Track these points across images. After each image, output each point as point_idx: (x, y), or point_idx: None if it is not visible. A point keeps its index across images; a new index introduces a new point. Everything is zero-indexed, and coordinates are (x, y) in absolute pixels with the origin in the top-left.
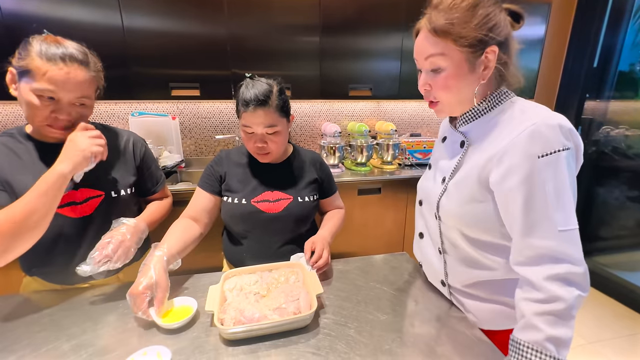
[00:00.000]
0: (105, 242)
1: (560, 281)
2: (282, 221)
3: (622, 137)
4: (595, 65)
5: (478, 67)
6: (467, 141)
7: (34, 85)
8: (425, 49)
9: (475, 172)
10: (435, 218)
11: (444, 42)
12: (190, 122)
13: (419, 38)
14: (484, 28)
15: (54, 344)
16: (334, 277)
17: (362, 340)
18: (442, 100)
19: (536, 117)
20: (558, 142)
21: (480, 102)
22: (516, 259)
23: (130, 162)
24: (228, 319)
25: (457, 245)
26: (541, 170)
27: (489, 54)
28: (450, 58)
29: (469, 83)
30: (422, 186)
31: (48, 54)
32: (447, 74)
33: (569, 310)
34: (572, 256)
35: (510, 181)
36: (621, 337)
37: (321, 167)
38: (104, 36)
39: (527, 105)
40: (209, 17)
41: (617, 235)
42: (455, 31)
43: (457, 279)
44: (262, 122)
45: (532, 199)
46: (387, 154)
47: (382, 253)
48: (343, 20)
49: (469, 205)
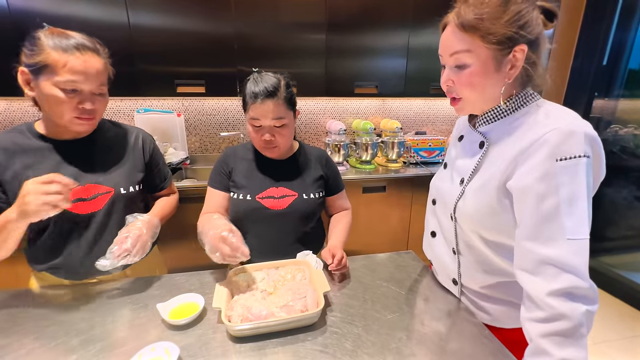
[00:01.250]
0: (124, 236)
1: (564, 296)
2: (287, 218)
3: (630, 136)
4: (604, 63)
5: (505, 65)
6: (486, 142)
7: (56, 79)
8: (451, 44)
9: (496, 179)
10: (451, 219)
11: (471, 38)
12: (195, 119)
13: (446, 33)
14: (514, 25)
15: (62, 338)
16: (340, 275)
17: (369, 339)
18: (465, 97)
19: (561, 121)
20: (579, 148)
21: (505, 102)
22: (519, 263)
23: (139, 158)
24: (235, 316)
25: (473, 247)
26: (558, 173)
27: (517, 53)
28: (476, 55)
29: (494, 82)
30: (437, 186)
31: (62, 45)
32: (471, 71)
33: (577, 329)
34: (577, 269)
35: (526, 179)
36: (627, 337)
37: (327, 164)
38: (110, 33)
39: (553, 108)
40: (216, 14)
41: (624, 235)
42: (484, 27)
43: (474, 281)
44: (270, 114)
45: (544, 200)
46: (392, 152)
47: (387, 251)
48: (349, 18)
49: (488, 213)
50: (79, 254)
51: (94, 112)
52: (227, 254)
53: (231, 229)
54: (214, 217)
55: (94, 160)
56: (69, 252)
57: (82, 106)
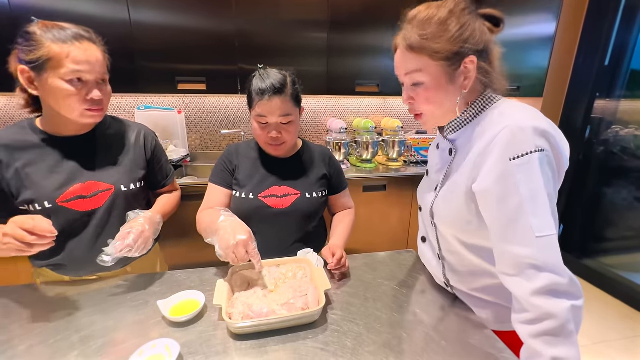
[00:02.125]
0: (126, 232)
1: (547, 295)
2: (290, 217)
3: (631, 137)
4: (606, 64)
5: (458, 78)
6: (454, 149)
7: (61, 71)
8: (403, 65)
9: (462, 184)
10: (432, 225)
11: (420, 58)
12: (196, 116)
13: (397, 55)
14: (458, 40)
15: (62, 334)
16: (341, 274)
17: (370, 337)
18: (426, 112)
19: (510, 119)
20: (530, 143)
21: (465, 111)
22: (499, 266)
23: (141, 155)
24: (236, 313)
25: (456, 252)
26: (514, 172)
27: (467, 65)
28: (428, 73)
29: (450, 94)
30: (420, 193)
31: (61, 37)
32: (427, 88)
33: (565, 325)
34: (553, 265)
35: (485, 182)
36: (626, 338)
37: (331, 162)
38: (111, 29)
39: (508, 108)
40: (217, 12)
41: (623, 236)
42: (429, 46)
43: (462, 284)
44: (278, 111)
45: (505, 201)
46: (393, 151)
47: (387, 250)
48: (351, 16)
49: (459, 217)
50: (80, 251)
51: (102, 103)
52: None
53: (252, 236)
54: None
55: (95, 157)
56: (70, 250)
57: (91, 96)
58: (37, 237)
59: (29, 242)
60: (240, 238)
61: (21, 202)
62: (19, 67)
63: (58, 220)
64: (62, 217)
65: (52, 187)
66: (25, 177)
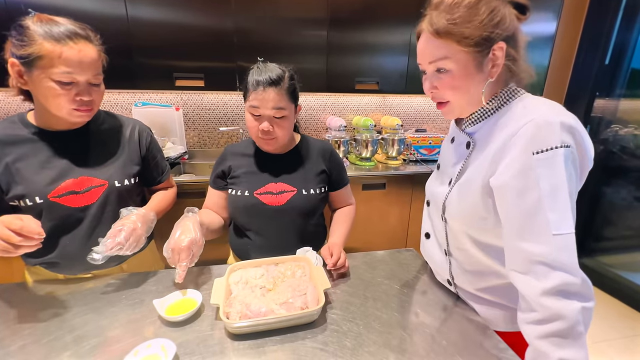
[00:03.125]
0: (117, 229)
1: (557, 295)
2: (286, 214)
3: (630, 136)
4: (607, 63)
5: (486, 65)
6: (472, 142)
7: (51, 71)
8: (428, 53)
9: (479, 178)
10: (442, 220)
11: (447, 44)
12: (194, 113)
13: (421, 42)
14: (489, 25)
15: (55, 334)
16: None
17: (370, 337)
18: (452, 101)
19: (536, 112)
20: (556, 139)
21: (489, 102)
22: (509, 263)
23: (135, 151)
24: (234, 312)
25: (465, 249)
26: (535, 167)
27: (496, 51)
28: (455, 60)
29: (477, 82)
30: (430, 187)
31: (54, 34)
32: (453, 75)
33: (575, 327)
34: (567, 265)
35: (504, 176)
36: (626, 337)
37: (331, 158)
38: (108, 25)
39: (533, 101)
40: (216, 8)
41: (623, 235)
42: (458, 31)
43: (467, 282)
44: (271, 103)
45: (524, 195)
46: (392, 149)
47: (386, 249)
48: (351, 14)
49: (473, 213)
50: (73, 248)
51: (92, 103)
52: (171, 262)
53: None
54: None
55: (88, 152)
56: (63, 246)
57: (80, 98)
58: (24, 238)
59: (15, 243)
60: (177, 244)
61: (11, 198)
62: (9, 59)
63: (50, 216)
64: (54, 213)
65: (43, 182)
66: (16, 172)
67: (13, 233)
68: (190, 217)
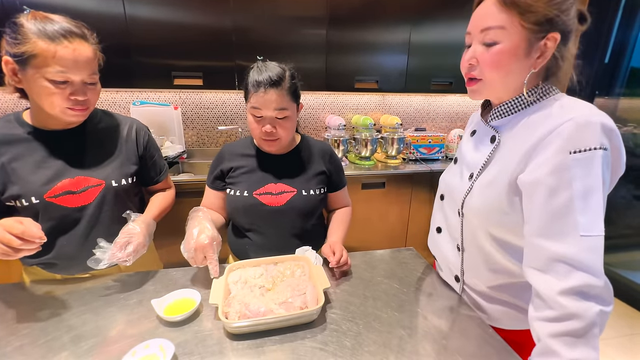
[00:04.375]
0: (124, 241)
1: (576, 295)
2: (286, 215)
3: (630, 135)
4: (606, 62)
5: (534, 52)
6: (498, 136)
7: (45, 70)
8: (486, 19)
9: (506, 174)
10: (459, 215)
11: (509, 15)
12: (193, 112)
13: (482, 7)
14: (556, 7)
15: (53, 335)
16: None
17: (370, 336)
18: (487, 79)
19: (576, 112)
20: (596, 140)
21: (520, 95)
22: (528, 260)
23: (132, 150)
24: (233, 312)
25: (480, 245)
26: (571, 166)
27: (549, 41)
28: (509, 34)
29: (519, 67)
30: (446, 181)
31: (48, 33)
32: (501, 49)
33: (590, 328)
34: (591, 267)
35: (536, 173)
36: (624, 336)
37: (331, 159)
38: (106, 24)
39: (570, 101)
40: (214, 7)
41: (621, 234)
42: (525, 3)
43: (478, 279)
44: (273, 104)
45: (556, 194)
46: (392, 148)
47: (385, 248)
48: (350, 12)
49: (496, 209)
50: (71, 248)
51: (87, 103)
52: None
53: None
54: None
55: (85, 152)
56: (61, 247)
57: (75, 97)
58: (24, 242)
59: (16, 247)
60: (200, 242)
61: (7, 198)
62: (3, 57)
63: (47, 216)
64: (50, 213)
65: (39, 182)
66: (12, 171)
67: (14, 237)
68: (202, 217)
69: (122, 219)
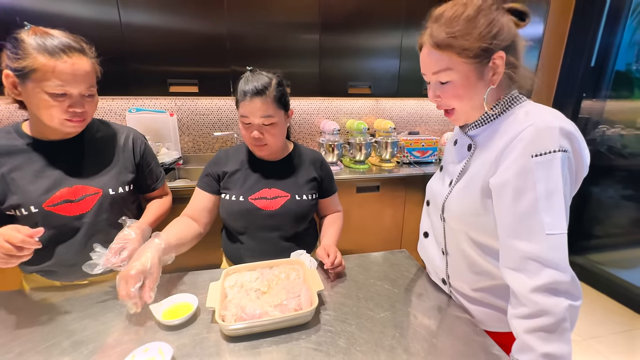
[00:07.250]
0: (119, 247)
1: (546, 292)
2: (280, 219)
3: (617, 136)
4: (592, 65)
5: (487, 74)
6: (474, 144)
7: (44, 84)
8: (430, 64)
9: (479, 179)
10: (441, 220)
11: (448, 56)
12: (188, 118)
13: (423, 53)
14: (487, 37)
15: (53, 340)
16: (334, 274)
17: (362, 337)
18: (457, 108)
19: (537, 117)
20: (554, 143)
21: (492, 107)
22: (503, 261)
23: (129, 159)
24: (229, 315)
25: (462, 249)
26: (534, 169)
27: (496, 60)
28: (457, 71)
29: (479, 90)
30: (431, 187)
31: (48, 48)
32: (455, 85)
33: (560, 324)
34: (558, 264)
35: (504, 176)
36: (615, 333)
37: (322, 166)
38: (101, 32)
39: (534, 108)
40: (209, 13)
41: (610, 233)
42: (458, 44)
43: (462, 281)
44: (258, 112)
45: (521, 196)
46: (386, 152)
47: (380, 250)
48: (343, 18)
49: (472, 213)
50: (70, 256)
51: (85, 114)
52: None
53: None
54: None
55: (82, 161)
56: (60, 255)
57: (73, 109)
58: (20, 249)
59: (15, 254)
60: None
61: (7, 207)
62: (4, 71)
63: (46, 225)
64: (49, 222)
65: (38, 192)
66: (11, 181)
67: (13, 247)
68: (154, 245)
69: (120, 225)
